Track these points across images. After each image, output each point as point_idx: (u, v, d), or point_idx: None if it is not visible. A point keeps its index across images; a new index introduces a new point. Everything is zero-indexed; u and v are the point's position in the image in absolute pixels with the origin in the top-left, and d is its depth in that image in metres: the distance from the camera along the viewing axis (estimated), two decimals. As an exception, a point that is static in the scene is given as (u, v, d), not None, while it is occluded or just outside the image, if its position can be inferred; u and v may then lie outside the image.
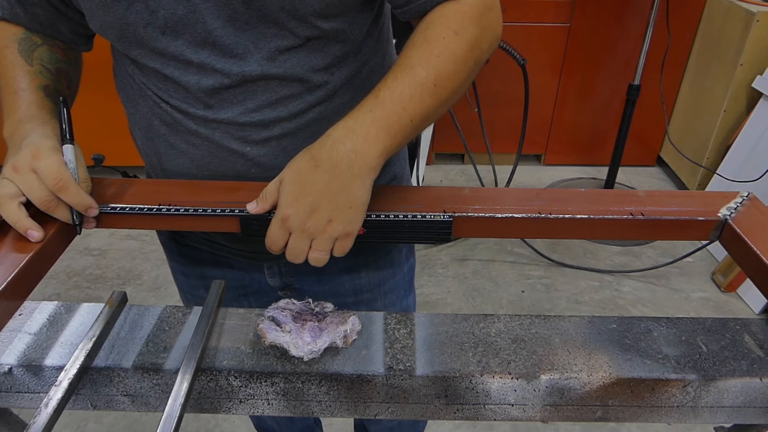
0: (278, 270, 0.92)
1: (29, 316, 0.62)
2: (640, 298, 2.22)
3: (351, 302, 0.96)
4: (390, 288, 0.98)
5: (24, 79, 0.71)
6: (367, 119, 0.61)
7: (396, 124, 0.61)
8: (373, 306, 0.97)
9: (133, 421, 1.72)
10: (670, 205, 0.71)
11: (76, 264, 2.33)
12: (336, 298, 0.93)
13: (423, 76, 0.62)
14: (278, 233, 0.61)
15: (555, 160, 3.09)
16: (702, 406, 0.59)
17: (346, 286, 0.94)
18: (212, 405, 0.60)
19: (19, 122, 0.68)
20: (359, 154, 0.60)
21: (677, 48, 2.65)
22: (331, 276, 0.92)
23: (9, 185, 0.62)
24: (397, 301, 1.00)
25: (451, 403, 0.59)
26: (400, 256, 0.97)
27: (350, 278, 0.93)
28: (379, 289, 0.97)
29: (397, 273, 0.98)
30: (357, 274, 0.93)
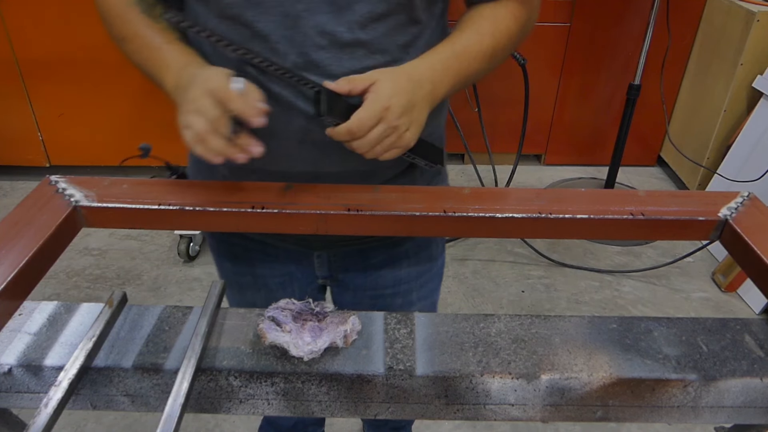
0: (327, 259, 0.94)
1: (29, 316, 0.62)
2: (641, 298, 2.22)
3: (389, 294, 0.98)
4: (425, 281, 1.01)
5: (161, 36, 0.73)
6: (445, 65, 0.72)
7: (459, 77, 0.73)
8: (409, 298, 1.00)
9: (133, 421, 1.72)
10: (671, 205, 0.71)
11: (76, 264, 2.33)
12: (375, 290, 0.98)
13: (487, 44, 0.75)
14: (372, 119, 0.65)
15: (555, 160, 3.09)
16: (702, 406, 0.59)
17: (387, 278, 0.97)
18: (212, 405, 0.60)
19: (178, 72, 0.69)
20: (435, 87, 0.70)
21: (677, 48, 2.65)
22: (375, 267, 0.95)
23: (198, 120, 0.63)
24: (429, 294, 1.04)
25: (451, 403, 0.59)
26: (437, 250, 1.00)
27: (391, 270, 0.96)
28: (417, 281, 1.00)
29: (432, 267, 1.01)
30: (398, 266, 0.96)
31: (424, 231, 0.71)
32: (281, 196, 0.71)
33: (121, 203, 0.69)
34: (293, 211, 0.68)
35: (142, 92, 2.56)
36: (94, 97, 2.58)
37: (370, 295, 0.99)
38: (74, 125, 2.65)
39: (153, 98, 2.57)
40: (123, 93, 2.56)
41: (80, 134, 2.68)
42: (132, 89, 2.55)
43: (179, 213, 0.68)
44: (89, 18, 2.36)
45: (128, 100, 2.58)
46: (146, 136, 2.67)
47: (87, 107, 2.60)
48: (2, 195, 2.77)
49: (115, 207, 0.68)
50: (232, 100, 0.61)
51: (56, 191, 0.70)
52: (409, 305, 1.01)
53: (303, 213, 0.68)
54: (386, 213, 0.68)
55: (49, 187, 0.71)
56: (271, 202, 0.69)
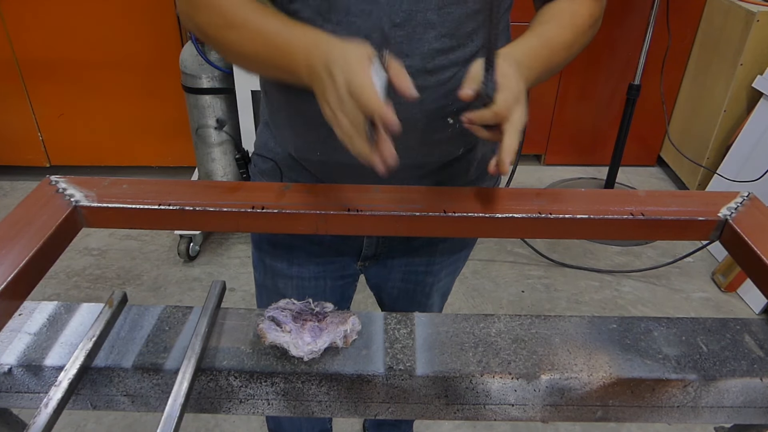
0: (376, 240, 0.95)
1: (29, 316, 0.62)
2: (640, 298, 2.22)
3: (421, 271, 1.02)
4: (455, 260, 1.05)
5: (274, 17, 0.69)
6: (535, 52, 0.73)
7: (544, 66, 0.75)
8: (438, 276, 1.04)
9: (133, 421, 1.72)
10: (670, 205, 0.71)
11: (76, 264, 2.33)
12: (408, 267, 1.01)
13: (567, 38, 0.77)
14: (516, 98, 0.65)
15: (555, 160, 3.09)
16: (702, 406, 0.59)
17: (423, 257, 1.00)
18: (212, 405, 0.60)
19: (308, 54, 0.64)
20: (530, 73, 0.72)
21: (677, 48, 2.65)
22: (415, 248, 0.98)
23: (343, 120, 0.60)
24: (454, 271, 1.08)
25: (451, 403, 0.59)
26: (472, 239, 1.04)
27: (428, 250, 0.99)
28: (448, 260, 1.03)
29: (464, 249, 1.05)
30: (435, 248, 0.99)
31: (424, 231, 0.71)
32: (281, 196, 0.71)
33: (121, 203, 0.69)
34: (293, 211, 0.68)
35: (142, 92, 2.56)
36: (94, 97, 2.58)
37: (403, 271, 1.02)
38: (74, 125, 2.65)
39: (153, 98, 2.57)
40: (123, 93, 2.56)
41: (80, 134, 2.68)
42: (132, 89, 2.55)
43: (179, 213, 0.68)
44: (89, 18, 2.36)
45: (128, 100, 2.58)
46: (146, 136, 2.67)
47: (87, 107, 2.60)
48: (2, 195, 2.77)
49: (115, 207, 0.68)
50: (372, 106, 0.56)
51: (56, 191, 0.70)
52: (438, 282, 1.05)
53: (303, 213, 0.68)
54: (386, 213, 0.68)
55: (49, 187, 0.71)
56: (271, 202, 0.69)
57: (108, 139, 2.70)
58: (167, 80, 2.47)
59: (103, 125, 2.66)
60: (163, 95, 2.55)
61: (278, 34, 0.67)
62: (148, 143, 2.69)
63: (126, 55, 2.45)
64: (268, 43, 0.68)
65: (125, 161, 2.77)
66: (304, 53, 0.65)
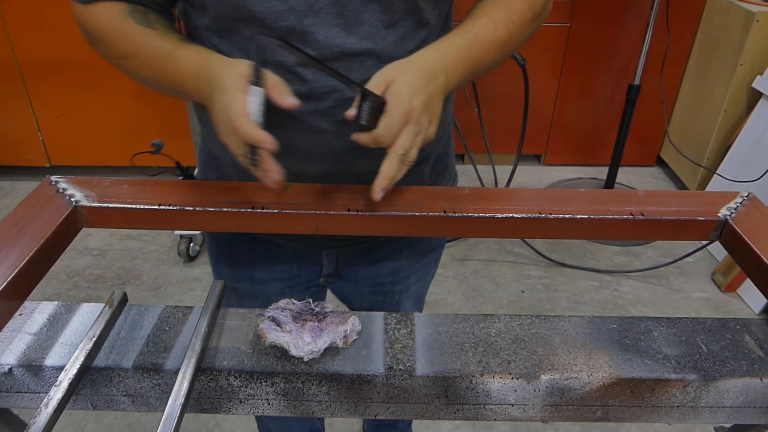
0: (335, 257, 0.94)
1: (29, 316, 0.62)
2: (640, 298, 2.22)
3: (388, 281, 1.00)
4: (422, 265, 1.03)
5: (165, 43, 0.69)
6: (459, 53, 0.70)
7: (473, 66, 0.71)
8: (406, 283, 1.02)
9: (133, 421, 1.72)
10: (670, 205, 0.71)
11: (76, 264, 2.33)
12: (375, 279, 0.99)
13: (500, 35, 0.72)
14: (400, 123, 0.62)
15: (555, 160, 3.09)
16: (702, 406, 0.59)
17: (388, 268, 0.98)
18: (212, 405, 0.60)
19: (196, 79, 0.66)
20: (448, 77, 0.68)
21: (677, 48, 2.65)
22: (379, 260, 0.97)
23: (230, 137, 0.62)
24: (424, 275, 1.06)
25: (451, 403, 0.59)
26: (436, 240, 1.02)
27: (393, 260, 0.97)
28: (414, 266, 1.01)
29: (433, 255, 1.04)
30: (399, 256, 0.98)
31: (424, 231, 0.71)
32: (281, 196, 0.71)
33: (121, 203, 0.69)
34: (293, 211, 0.68)
35: (142, 92, 2.56)
36: (94, 97, 2.58)
37: (370, 284, 1.00)
38: (74, 125, 2.65)
39: (153, 98, 2.57)
40: (123, 93, 2.56)
41: (80, 134, 2.68)
42: (132, 89, 2.55)
43: (179, 213, 0.68)
44: (89, 18, 2.36)
45: (128, 100, 2.58)
46: (146, 136, 2.66)
47: (87, 107, 2.60)
48: (2, 195, 2.77)
49: (115, 207, 0.68)
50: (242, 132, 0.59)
51: (56, 191, 0.70)
52: (406, 290, 1.03)
53: (303, 213, 0.68)
54: (386, 213, 0.68)
55: (49, 187, 0.71)
56: (271, 202, 0.69)
57: (108, 139, 2.70)
58: (167, 80, 2.47)
59: (103, 125, 2.66)
60: (163, 95, 2.54)
61: (168, 61, 0.68)
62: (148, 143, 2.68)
63: (126, 55, 2.44)
64: (161, 71, 0.70)
65: (125, 161, 2.77)
66: (193, 81, 0.67)
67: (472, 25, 0.72)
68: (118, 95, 2.57)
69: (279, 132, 0.71)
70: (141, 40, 0.70)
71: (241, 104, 0.60)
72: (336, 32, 0.68)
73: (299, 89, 0.68)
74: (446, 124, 0.86)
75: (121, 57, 0.72)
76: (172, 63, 0.68)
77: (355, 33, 0.68)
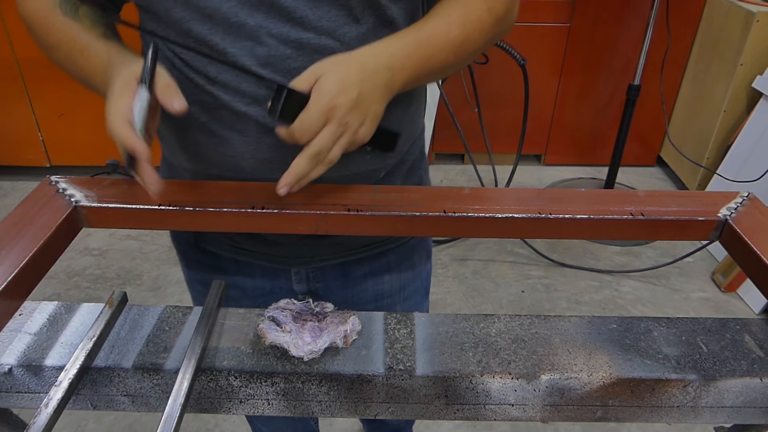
0: (305, 275, 0.90)
1: (29, 316, 0.62)
2: (640, 298, 2.22)
3: (372, 308, 0.93)
4: (410, 293, 0.97)
5: (83, 36, 0.68)
6: (407, 51, 0.66)
7: (422, 66, 0.67)
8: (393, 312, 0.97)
9: (133, 421, 1.72)
10: (670, 205, 0.71)
11: (76, 264, 2.33)
12: (357, 305, 0.93)
13: (455, 36, 0.69)
14: (319, 120, 0.60)
15: (555, 160, 3.09)
16: (702, 406, 0.59)
17: (369, 292, 0.93)
18: (212, 405, 0.60)
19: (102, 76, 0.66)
20: (393, 75, 0.64)
21: (677, 48, 2.65)
22: (356, 281, 0.92)
23: None
24: (414, 306, 1.00)
25: (451, 403, 0.59)
26: (420, 260, 0.97)
27: (374, 283, 0.93)
28: (400, 294, 0.96)
29: (416, 278, 0.98)
30: (380, 279, 0.93)
31: (424, 231, 0.71)
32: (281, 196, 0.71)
33: (121, 203, 0.69)
34: (293, 211, 0.68)
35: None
36: (94, 97, 2.54)
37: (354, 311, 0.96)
38: (74, 125, 2.65)
39: (153, 98, 2.57)
40: (123, 93, 2.56)
41: (80, 134, 2.68)
42: (132, 89, 2.55)
43: (179, 213, 0.68)
44: (89, 18, 2.36)
45: (128, 100, 2.58)
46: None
47: (87, 107, 2.60)
48: (2, 195, 2.77)
49: (115, 207, 0.68)
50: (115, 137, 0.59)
51: (56, 191, 0.70)
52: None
53: (303, 213, 0.68)
54: (386, 213, 0.68)
55: (49, 187, 0.71)
56: (271, 202, 0.69)
57: (108, 139, 2.69)
58: (167, 80, 2.47)
59: (103, 125, 2.63)
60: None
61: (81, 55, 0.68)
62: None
63: (126, 55, 2.44)
64: (76, 64, 0.69)
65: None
66: (100, 77, 0.66)
67: (424, 24, 0.69)
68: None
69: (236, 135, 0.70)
70: (63, 31, 0.69)
71: (121, 107, 0.59)
72: (290, 27, 0.65)
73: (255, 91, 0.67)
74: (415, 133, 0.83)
75: (46, 47, 0.71)
76: (84, 57, 0.68)
77: (312, 28, 0.66)
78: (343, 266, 0.90)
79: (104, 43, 0.68)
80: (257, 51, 0.66)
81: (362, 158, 0.75)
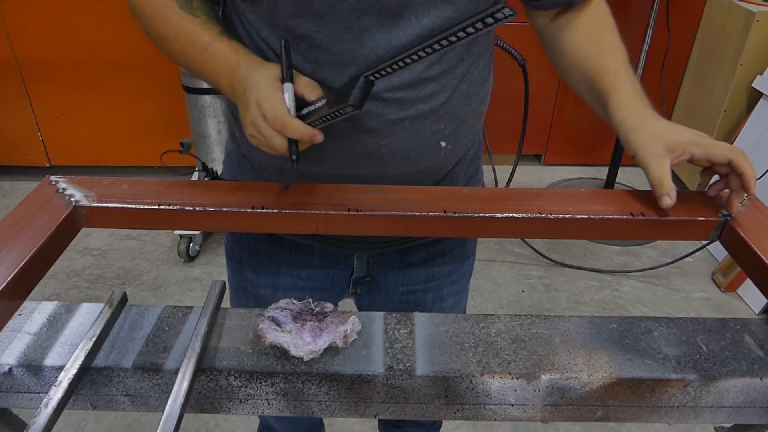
0: (367, 261, 0.93)
1: (29, 316, 0.62)
2: (640, 298, 2.22)
3: (420, 290, 0.97)
4: (457, 277, 1.00)
5: (203, 33, 0.70)
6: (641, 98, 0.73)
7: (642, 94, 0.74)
8: (440, 293, 0.99)
9: (133, 421, 1.72)
10: (670, 205, 0.71)
11: (76, 264, 2.33)
12: (407, 286, 0.96)
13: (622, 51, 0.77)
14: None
15: (555, 160, 3.08)
16: (702, 406, 0.59)
17: (420, 275, 0.96)
18: (212, 405, 0.60)
19: (230, 75, 0.68)
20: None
21: (677, 48, 2.65)
22: (411, 267, 0.95)
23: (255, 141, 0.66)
24: (459, 290, 1.03)
25: (451, 403, 0.59)
26: (469, 249, 1.00)
27: (426, 268, 0.95)
28: (448, 278, 0.99)
29: (465, 264, 1.01)
30: (432, 264, 0.96)
31: (424, 231, 0.71)
32: (281, 196, 0.71)
33: (121, 203, 0.69)
34: (293, 211, 0.68)
35: (142, 92, 2.56)
36: (94, 97, 2.58)
37: (402, 292, 0.97)
38: (74, 125, 2.65)
39: (153, 98, 2.57)
40: (123, 93, 2.56)
41: (80, 134, 2.68)
42: (132, 89, 2.55)
43: (179, 213, 0.68)
44: (89, 18, 2.36)
45: (128, 100, 2.58)
46: (145, 136, 2.67)
47: (87, 107, 2.60)
48: (2, 195, 2.77)
49: (115, 207, 0.68)
50: (289, 129, 0.62)
51: (56, 191, 0.70)
52: (440, 301, 1.00)
53: (303, 213, 0.68)
54: (386, 213, 0.68)
55: (49, 187, 0.71)
56: (271, 202, 0.69)
57: (108, 139, 2.70)
58: (167, 80, 2.47)
59: (103, 125, 2.66)
60: (164, 95, 2.55)
61: (204, 53, 0.70)
62: (148, 143, 2.68)
63: (126, 55, 2.44)
64: (196, 60, 0.71)
65: (125, 161, 2.77)
66: (227, 77, 0.68)
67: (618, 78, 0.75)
68: (118, 95, 2.57)
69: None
70: (180, 26, 0.70)
71: (278, 103, 0.62)
72: (394, 33, 0.67)
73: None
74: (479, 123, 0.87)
75: (159, 37, 0.73)
76: (207, 55, 0.69)
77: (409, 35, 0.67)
78: (401, 253, 0.93)
79: (228, 44, 0.69)
80: (359, 52, 0.67)
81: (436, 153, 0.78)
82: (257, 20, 0.71)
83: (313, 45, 0.68)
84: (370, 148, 0.74)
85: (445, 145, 0.77)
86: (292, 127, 0.62)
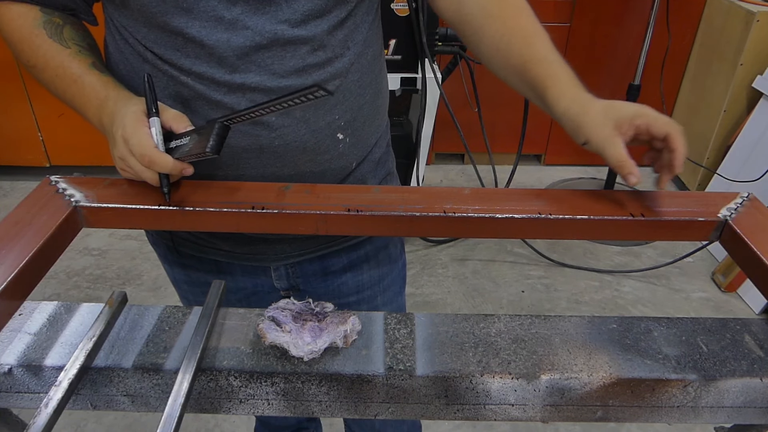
0: (285, 272, 0.92)
1: (29, 316, 0.62)
2: (640, 298, 2.22)
3: (353, 301, 0.97)
4: (388, 284, 1.00)
5: (73, 64, 0.70)
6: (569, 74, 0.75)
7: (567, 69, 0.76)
8: (373, 303, 0.99)
9: (133, 421, 1.72)
10: (671, 205, 0.71)
11: (76, 264, 2.33)
12: (339, 298, 0.95)
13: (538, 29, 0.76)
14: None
15: (555, 160, 3.09)
16: (702, 406, 0.59)
17: (350, 285, 0.95)
18: (212, 405, 0.60)
19: (98, 109, 0.70)
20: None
21: (677, 48, 2.65)
22: (336, 274, 0.93)
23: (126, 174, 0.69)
24: (394, 297, 1.02)
25: (451, 403, 0.59)
26: (396, 251, 1.00)
27: (353, 276, 0.94)
28: (379, 285, 0.98)
29: (393, 269, 1.00)
30: (359, 271, 0.94)
31: (424, 231, 0.71)
32: (281, 196, 0.71)
33: (121, 203, 0.69)
34: (293, 211, 0.68)
35: (142, 92, 2.56)
36: (94, 97, 2.58)
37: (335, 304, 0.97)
38: (74, 125, 2.65)
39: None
40: (123, 93, 2.56)
41: (80, 134, 2.68)
42: (132, 89, 2.55)
43: (179, 213, 0.68)
44: (89, 18, 2.36)
45: (128, 100, 2.58)
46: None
47: (87, 107, 2.60)
48: (2, 195, 2.77)
49: (115, 207, 0.68)
50: (157, 164, 0.64)
51: (56, 191, 0.70)
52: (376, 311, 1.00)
53: (303, 213, 0.68)
54: (386, 213, 0.68)
55: (49, 187, 0.71)
56: (271, 202, 0.69)
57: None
58: (167, 80, 2.46)
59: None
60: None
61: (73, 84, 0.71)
62: None
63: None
64: (66, 91, 0.72)
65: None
66: (95, 110, 0.70)
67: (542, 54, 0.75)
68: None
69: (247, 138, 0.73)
70: (49, 55, 0.71)
71: (146, 138, 0.64)
72: (266, 19, 0.67)
73: None
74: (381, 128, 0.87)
75: (29, 66, 0.73)
76: (76, 87, 0.71)
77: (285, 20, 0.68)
78: (321, 260, 0.92)
79: (98, 77, 0.71)
80: (234, 41, 0.68)
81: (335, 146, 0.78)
82: (132, 24, 0.70)
83: (189, 39, 0.68)
84: (262, 141, 0.73)
85: (342, 137, 0.77)
86: (160, 162, 0.64)
